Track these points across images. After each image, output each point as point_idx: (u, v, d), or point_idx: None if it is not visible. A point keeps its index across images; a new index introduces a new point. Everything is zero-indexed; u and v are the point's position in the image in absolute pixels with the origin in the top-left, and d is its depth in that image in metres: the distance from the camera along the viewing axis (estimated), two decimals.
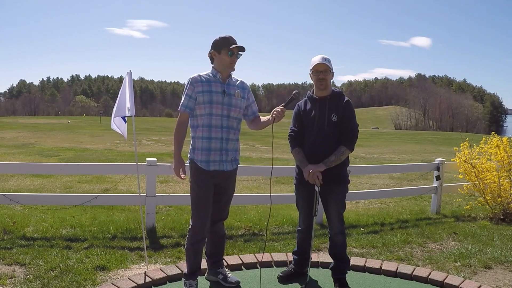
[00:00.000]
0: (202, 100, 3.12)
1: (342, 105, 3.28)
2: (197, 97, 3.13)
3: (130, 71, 3.88)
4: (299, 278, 3.49)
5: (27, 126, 36.69)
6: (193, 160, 3.20)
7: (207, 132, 3.15)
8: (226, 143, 3.19)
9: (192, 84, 3.15)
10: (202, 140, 3.15)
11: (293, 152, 3.40)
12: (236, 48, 3.13)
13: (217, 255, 3.49)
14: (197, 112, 3.16)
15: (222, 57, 3.14)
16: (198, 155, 3.17)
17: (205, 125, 3.15)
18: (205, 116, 3.13)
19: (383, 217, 6.18)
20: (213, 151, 3.16)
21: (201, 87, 3.13)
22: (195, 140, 3.19)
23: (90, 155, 15.25)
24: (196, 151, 3.18)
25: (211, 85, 3.15)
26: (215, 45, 3.16)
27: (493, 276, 3.92)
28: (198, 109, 3.15)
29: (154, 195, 5.05)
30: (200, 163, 3.16)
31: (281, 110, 3.17)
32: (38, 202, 5.68)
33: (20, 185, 8.75)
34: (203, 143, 3.15)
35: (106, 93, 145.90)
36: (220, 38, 3.15)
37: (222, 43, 3.14)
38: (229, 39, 3.14)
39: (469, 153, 6.39)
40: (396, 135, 43.10)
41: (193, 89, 3.13)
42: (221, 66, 3.18)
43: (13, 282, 3.43)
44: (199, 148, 3.17)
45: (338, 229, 3.39)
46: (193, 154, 3.20)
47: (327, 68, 3.23)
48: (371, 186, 9.33)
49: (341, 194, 3.36)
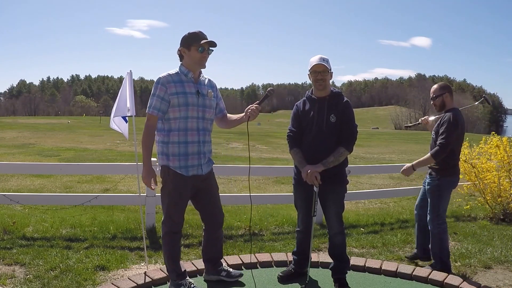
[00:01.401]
0: (177, 103, 2.96)
1: (341, 106, 3.27)
2: (170, 99, 2.96)
3: (130, 71, 3.89)
4: (299, 278, 3.48)
5: (27, 126, 36.68)
6: (168, 167, 3.05)
7: (184, 136, 3.01)
8: (203, 146, 3.11)
9: (164, 85, 2.96)
10: (179, 145, 3.01)
11: (291, 152, 3.39)
12: (207, 44, 2.98)
13: (219, 257, 3.50)
14: (171, 115, 2.99)
15: (192, 54, 3.00)
16: (174, 161, 3.03)
17: (181, 129, 3.00)
18: (180, 120, 2.99)
19: (383, 217, 6.18)
20: (191, 155, 3.05)
21: (174, 88, 2.97)
22: (169, 145, 3.02)
23: (90, 155, 15.25)
24: (172, 157, 3.03)
25: (184, 85, 3.00)
26: (184, 41, 3.01)
27: (493, 276, 3.92)
28: (172, 112, 2.98)
29: (154, 195, 5.05)
30: (179, 169, 3.03)
31: (256, 108, 3.11)
32: (38, 202, 5.68)
33: (20, 185, 8.75)
34: (180, 148, 3.01)
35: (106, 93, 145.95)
36: (189, 34, 3.00)
37: (191, 39, 2.99)
38: (199, 34, 2.99)
39: (469, 153, 6.39)
40: (396, 135, 43.12)
41: (165, 91, 2.95)
42: (191, 63, 3.03)
43: (13, 282, 3.43)
44: (175, 153, 3.02)
45: (337, 229, 3.39)
46: (167, 161, 3.04)
47: (325, 69, 3.22)
48: (371, 186, 9.33)
49: (339, 195, 3.35)
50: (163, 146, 3.06)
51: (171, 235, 3.17)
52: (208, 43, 2.99)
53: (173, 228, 3.16)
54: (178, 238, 3.23)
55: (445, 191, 3.81)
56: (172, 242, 3.19)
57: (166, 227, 3.16)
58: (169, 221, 3.14)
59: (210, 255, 3.43)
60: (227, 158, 14.74)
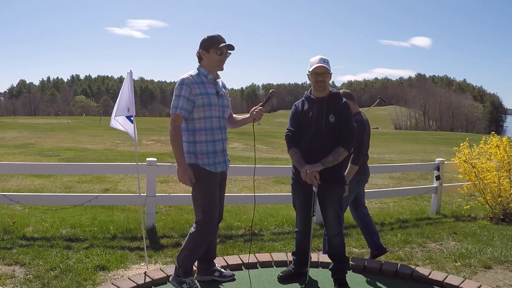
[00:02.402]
0: (202, 103, 3.06)
1: (340, 106, 3.28)
2: (195, 99, 3.05)
3: (131, 71, 3.89)
4: (299, 278, 3.48)
5: (27, 126, 36.69)
6: (197, 165, 3.11)
7: (211, 135, 3.12)
8: (224, 144, 3.25)
9: (188, 85, 3.05)
10: (207, 143, 3.11)
11: (289, 152, 3.39)
12: (225, 47, 3.09)
13: (213, 257, 3.50)
14: (195, 116, 3.08)
15: (211, 56, 3.09)
16: (203, 159, 3.11)
17: (207, 128, 3.11)
18: (206, 119, 3.09)
19: (383, 217, 6.18)
20: (218, 152, 3.16)
21: (198, 89, 3.06)
22: (196, 144, 3.11)
23: (90, 155, 15.25)
24: (200, 156, 3.11)
25: (205, 86, 3.10)
26: (204, 44, 3.10)
27: (493, 276, 3.92)
28: (197, 112, 3.08)
29: (154, 195, 5.06)
30: (208, 166, 3.12)
31: (260, 109, 3.26)
32: (38, 202, 5.68)
33: (20, 185, 8.75)
34: (208, 146, 3.11)
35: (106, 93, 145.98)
36: (209, 37, 3.10)
37: (211, 42, 3.08)
38: (218, 38, 3.09)
39: (469, 153, 6.39)
40: (396, 135, 43.12)
41: (190, 91, 3.04)
42: (210, 65, 3.13)
43: (13, 282, 3.43)
44: (203, 152, 3.11)
45: (336, 230, 3.38)
46: (195, 159, 3.11)
47: (326, 70, 3.22)
48: (371, 186, 9.32)
49: (338, 195, 3.34)
50: (189, 145, 3.12)
51: (205, 235, 3.17)
52: (227, 46, 3.10)
53: (211, 227, 3.16)
54: (207, 241, 3.23)
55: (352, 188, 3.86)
56: (202, 242, 3.19)
57: (202, 226, 3.14)
58: (207, 220, 3.13)
59: (205, 254, 3.42)
60: None
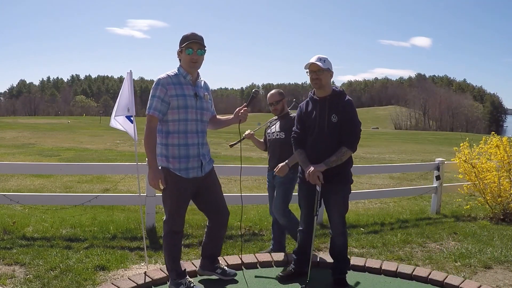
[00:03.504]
0: (176, 105, 2.96)
1: (343, 105, 3.26)
2: (170, 101, 2.95)
3: (131, 71, 3.89)
4: (299, 278, 3.48)
5: (27, 126, 36.69)
6: (168, 169, 3.02)
7: (184, 139, 3.01)
8: (202, 148, 3.12)
9: (164, 86, 2.94)
10: (179, 147, 3.01)
11: (295, 153, 3.42)
12: (194, 44, 2.96)
13: (217, 255, 3.51)
14: (169, 118, 2.98)
15: (183, 56, 3.02)
16: (175, 163, 3.02)
17: (181, 132, 3.00)
18: (180, 122, 2.99)
19: (383, 217, 6.18)
20: (192, 157, 3.05)
21: (173, 90, 2.96)
22: (168, 147, 3.02)
23: (90, 155, 15.25)
24: (172, 159, 3.02)
25: (183, 88, 3.00)
26: (180, 44, 3.02)
27: (493, 276, 3.92)
28: (171, 114, 2.97)
29: (154, 195, 5.05)
30: (179, 171, 3.02)
31: (245, 110, 3.23)
32: (38, 202, 5.68)
33: (20, 185, 8.75)
34: (180, 150, 3.01)
35: (106, 93, 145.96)
36: (182, 36, 3.00)
37: (182, 41, 2.99)
38: (188, 36, 2.98)
39: (469, 153, 6.39)
40: (396, 135, 43.12)
41: (165, 92, 2.94)
42: (185, 65, 3.04)
43: (13, 282, 3.43)
44: (175, 156, 3.01)
45: (339, 230, 3.38)
46: (167, 163, 3.02)
47: (319, 68, 3.20)
48: (371, 186, 9.33)
49: (342, 195, 3.34)
50: (162, 147, 3.05)
51: (172, 235, 3.17)
52: (194, 44, 2.96)
53: (174, 227, 3.16)
54: (179, 238, 3.24)
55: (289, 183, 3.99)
56: (173, 242, 3.19)
57: (168, 227, 3.16)
58: (171, 221, 3.15)
59: (210, 252, 3.44)
60: (227, 158, 14.74)
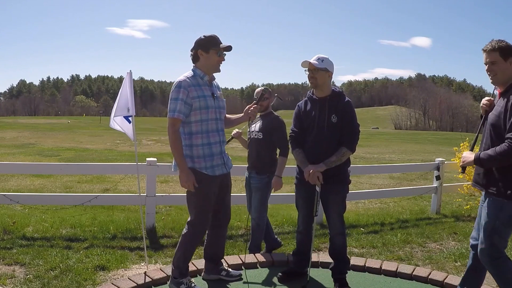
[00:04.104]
0: (198, 106, 3.01)
1: (342, 106, 3.26)
2: (192, 103, 2.99)
3: (130, 71, 3.89)
4: (299, 278, 3.48)
5: (27, 126, 36.68)
6: (194, 169, 3.06)
7: (207, 138, 3.08)
8: (223, 145, 3.21)
9: (186, 88, 2.97)
10: (203, 147, 3.07)
11: (293, 152, 3.40)
12: (225, 48, 3.05)
13: (221, 256, 3.53)
14: (192, 119, 3.03)
15: (210, 57, 3.04)
16: (200, 162, 3.08)
17: (203, 132, 3.06)
18: (203, 122, 3.05)
19: (383, 217, 6.18)
20: (215, 155, 3.12)
21: (195, 91, 3.00)
22: (193, 148, 3.07)
23: (90, 155, 15.25)
24: (197, 159, 3.07)
25: (202, 89, 3.04)
26: (203, 44, 3.03)
27: None
28: (194, 115, 3.02)
29: (154, 195, 5.05)
30: (205, 169, 3.08)
31: (254, 108, 3.30)
32: (38, 202, 5.68)
33: (20, 185, 8.75)
34: (204, 150, 3.07)
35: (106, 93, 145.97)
36: (208, 37, 3.03)
37: (210, 42, 3.02)
38: (217, 38, 3.05)
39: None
40: (396, 135, 43.09)
41: (187, 94, 2.97)
42: (207, 66, 3.07)
43: (13, 282, 3.43)
44: (200, 155, 3.07)
45: (338, 230, 3.38)
46: (192, 163, 3.07)
47: (314, 67, 3.19)
48: (371, 186, 9.33)
49: (341, 195, 3.34)
50: (186, 149, 3.07)
51: (196, 235, 3.19)
52: (227, 47, 3.06)
53: (200, 227, 3.18)
54: (200, 238, 3.26)
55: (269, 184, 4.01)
56: (194, 242, 3.21)
57: (192, 227, 3.17)
58: (197, 221, 3.15)
59: (213, 253, 3.45)
60: None
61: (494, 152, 2.57)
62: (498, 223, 2.63)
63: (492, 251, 2.67)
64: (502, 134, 2.58)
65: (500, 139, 2.59)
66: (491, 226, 2.65)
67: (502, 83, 2.69)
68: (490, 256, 2.68)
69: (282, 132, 3.95)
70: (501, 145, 2.55)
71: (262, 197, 4.00)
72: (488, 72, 2.71)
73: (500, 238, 2.65)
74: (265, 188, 3.99)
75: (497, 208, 2.63)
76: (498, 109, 2.65)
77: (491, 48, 2.66)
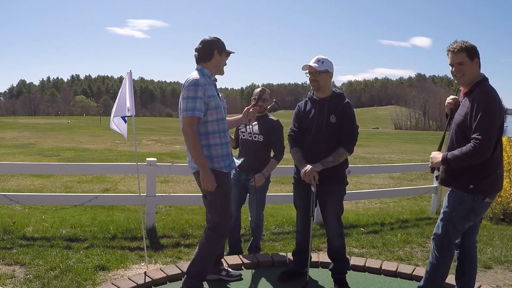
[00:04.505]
0: (214, 105, 2.95)
1: (342, 107, 3.26)
2: (209, 102, 2.92)
3: (130, 71, 3.89)
4: (299, 278, 3.48)
5: (27, 126, 36.67)
6: (214, 169, 2.98)
7: (224, 138, 3.04)
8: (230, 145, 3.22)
9: (203, 86, 2.89)
10: (222, 146, 3.02)
11: (291, 151, 3.40)
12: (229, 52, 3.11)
13: (221, 255, 3.53)
14: (209, 118, 2.95)
15: (223, 59, 3.06)
16: (219, 162, 3.01)
17: (221, 131, 3.02)
18: (219, 122, 3.00)
19: (383, 217, 6.18)
20: (230, 155, 3.12)
21: (210, 91, 2.94)
22: (211, 147, 2.98)
23: (90, 155, 15.25)
24: (216, 159, 3.00)
25: (212, 88, 3.00)
26: (220, 45, 3.02)
27: (493, 276, 3.92)
28: (210, 114, 2.95)
29: (154, 195, 5.05)
30: (225, 169, 3.03)
31: (254, 109, 3.33)
32: (38, 202, 5.68)
33: (20, 185, 8.75)
34: (222, 149, 3.02)
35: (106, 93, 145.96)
36: (220, 39, 3.05)
37: (223, 45, 3.04)
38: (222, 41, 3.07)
39: None
40: (396, 135, 43.07)
41: (204, 93, 2.89)
42: (217, 67, 3.07)
43: (13, 282, 3.43)
44: (219, 155, 3.01)
45: (336, 231, 3.37)
46: (212, 163, 2.98)
47: (315, 70, 3.19)
48: (371, 186, 9.33)
49: (338, 195, 3.33)
50: (203, 149, 2.97)
51: (221, 239, 3.13)
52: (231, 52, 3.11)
53: (224, 229, 3.10)
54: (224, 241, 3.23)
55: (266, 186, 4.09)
56: (218, 247, 3.15)
57: (219, 231, 3.05)
58: (221, 223, 3.06)
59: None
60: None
61: (460, 153, 2.66)
62: (454, 214, 2.78)
63: (444, 240, 2.83)
64: (468, 134, 2.66)
65: (466, 139, 2.67)
66: (448, 215, 2.80)
67: (468, 83, 2.77)
68: (441, 243, 2.84)
69: (281, 135, 3.96)
70: (467, 146, 2.64)
71: (262, 198, 3.99)
72: (455, 73, 2.78)
73: (454, 229, 2.80)
74: (265, 189, 3.99)
75: (456, 200, 2.77)
76: (464, 109, 2.73)
77: (458, 49, 2.73)
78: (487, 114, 2.58)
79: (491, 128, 2.59)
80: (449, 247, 2.83)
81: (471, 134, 2.61)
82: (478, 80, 2.73)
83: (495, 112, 2.61)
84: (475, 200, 2.70)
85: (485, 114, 2.58)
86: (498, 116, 2.61)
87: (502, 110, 2.70)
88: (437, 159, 2.84)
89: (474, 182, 2.68)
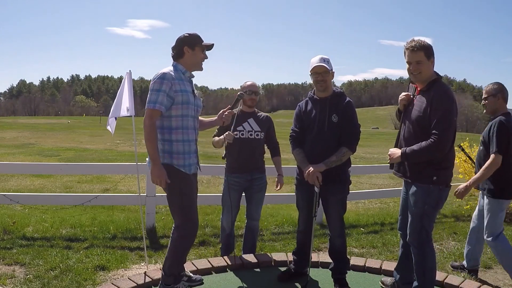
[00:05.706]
0: (180, 100, 2.92)
1: (343, 106, 3.25)
2: (175, 96, 2.89)
3: (130, 71, 3.89)
4: (299, 278, 3.48)
5: (27, 126, 36.68)
6: (172, 165, 2.95)
7: (186, 135, 2.99)
8: (196, 145, 3.12)
9: (169, 80, 2.87)
10: (183, 143, 2.97)
11: (294, 152, 3.39)
12: (209, 46, 3.06)
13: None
14: (173, 113, 2.93)
15: (196, 54, 3.00)
16: (179, 159, 2.96)
17: (184, 127, 2.97)
18: (183, 117, 2.96)
19: (383, 217, 6.18)
20: (192, 153, 3.04)
21: (178, 85, 2.91)
22: (173, 143, 2.95)
23: (90, 155, 15.25)
24: (176, 155, 2.95)
25: (184, 84, 2.97)
26: (189, 40, 3.00)
27: (493, 276, 3.92)
28: (175, 109, 2.92)
29: (154, 195, 5.05)
30: (183, 167, 2.97)
31: (229, 112, 3.27)
32: (38, 202, 5.68)
33: (20, 185, 8.75)
34: (184, 146, 2.97)
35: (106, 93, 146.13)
36: (192, 34, 3.01)
37: (195, 39, 3.00)
38: (199, 36, 3.05)
39: (469, 153, 6.38)
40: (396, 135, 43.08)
41: (171, 87, 2.87)
42: (192, 63, 3.03)
43: (13, 282, 3.43)
44: (179, 152, 2.96)
45: (338, 231, 3.37)
46: (170, 159, 2.95)
47: (326, 70, 3.19)
48: (371, 186, 9.33)
49: (341, 195, 3.33)
50: (165, 144, 2.96)
51: (189, 239, 3.08)
52: (209, 45, 3.05)
53: (189, 229, 3.04)
54: (192, 242, 3.15)
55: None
56: (187, 246, 3.12)
57: (184, 230, 3.01)
58: (188, 223, 3.02)
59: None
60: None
61: (420, 148, 2.78)
62: (427, 207, 2.88)
63: (421, 234, 2.91)
64: (428, 130, 2.77)
65: (426, 134, 2.78)
66: (421, 211, 2.89)
67: (424, 81, 2.89)
68: (419, 238, 2.92)
69: (274, 131, 4.02)
70: (426, 141, 2.77)
71: (263, 197, 3.98)
72: (412, 71, 2.88)
73: (429, 220, 2.92)
74: (265, 187, 3.99)
75: (424, 193, 2.87)
76: (422, 105, 2.85)
77: (417, 47, 2.83)
78: (446, 112, 2.72)
79: (451, 125, 2.73)
80: (428, 239, 2.92)
81: (431, 130, 2.73)
82: (433, 78, 2.86)
83: (453, 110, 2.75)
84: (440, 189, 2.85)
85: (445, 112, 2.71)
86: (455, 113, 2.76)
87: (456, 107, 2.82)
88: (396, 154, 2.97)
89: (437, 174, 2.81)
